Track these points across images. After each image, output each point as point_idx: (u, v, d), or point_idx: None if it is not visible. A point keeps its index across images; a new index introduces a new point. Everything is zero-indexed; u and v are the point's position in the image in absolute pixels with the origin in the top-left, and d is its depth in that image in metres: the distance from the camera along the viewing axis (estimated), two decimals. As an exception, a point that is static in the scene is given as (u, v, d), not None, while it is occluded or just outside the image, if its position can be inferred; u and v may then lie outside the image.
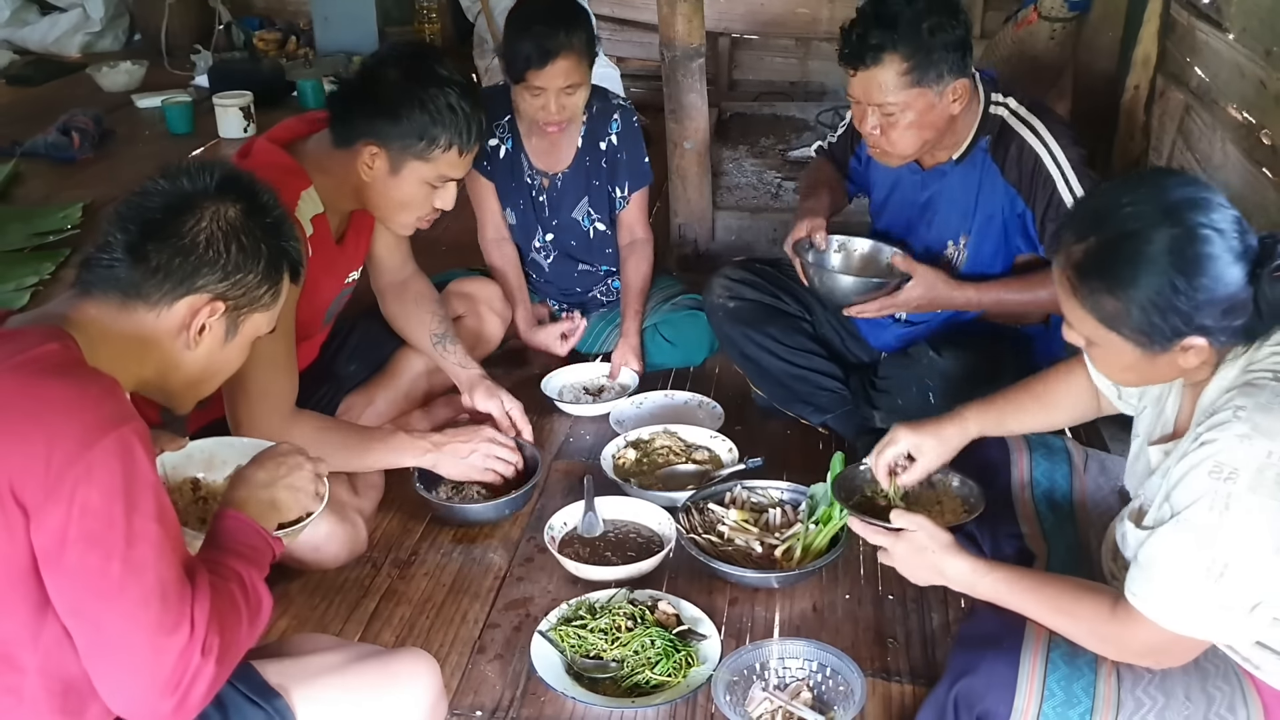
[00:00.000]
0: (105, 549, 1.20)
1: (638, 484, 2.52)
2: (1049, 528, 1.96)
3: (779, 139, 4.64)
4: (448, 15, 5.74)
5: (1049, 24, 3.87)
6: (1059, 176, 2.38)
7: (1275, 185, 2.65)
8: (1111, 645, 1.53)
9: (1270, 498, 1.37)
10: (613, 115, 3.04)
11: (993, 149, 2.44)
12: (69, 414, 1.23)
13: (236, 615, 1.33)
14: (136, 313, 1.44)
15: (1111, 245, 1.48)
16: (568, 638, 2.06)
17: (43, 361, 1.29)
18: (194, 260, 1.45)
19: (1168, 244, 1.44)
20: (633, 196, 3.09)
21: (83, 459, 1.20)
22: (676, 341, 3.07)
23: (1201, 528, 1.41)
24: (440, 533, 2.45)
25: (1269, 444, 1.38)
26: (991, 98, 2.45)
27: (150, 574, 1.23)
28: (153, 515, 1.25)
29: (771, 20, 5.39)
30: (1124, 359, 1.54)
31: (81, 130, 4.46)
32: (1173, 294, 1.44)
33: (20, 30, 6.02)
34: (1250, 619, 1.43)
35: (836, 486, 2.02)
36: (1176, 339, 1.47)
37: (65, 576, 1.21)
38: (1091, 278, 1.49)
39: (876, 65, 2.26)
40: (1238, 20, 2.98)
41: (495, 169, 3.03)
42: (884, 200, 2.69)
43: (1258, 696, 1.53)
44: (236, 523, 1.46)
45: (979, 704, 1.59)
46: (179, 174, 1.49)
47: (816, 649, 2.01)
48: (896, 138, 2.35)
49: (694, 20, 3.51)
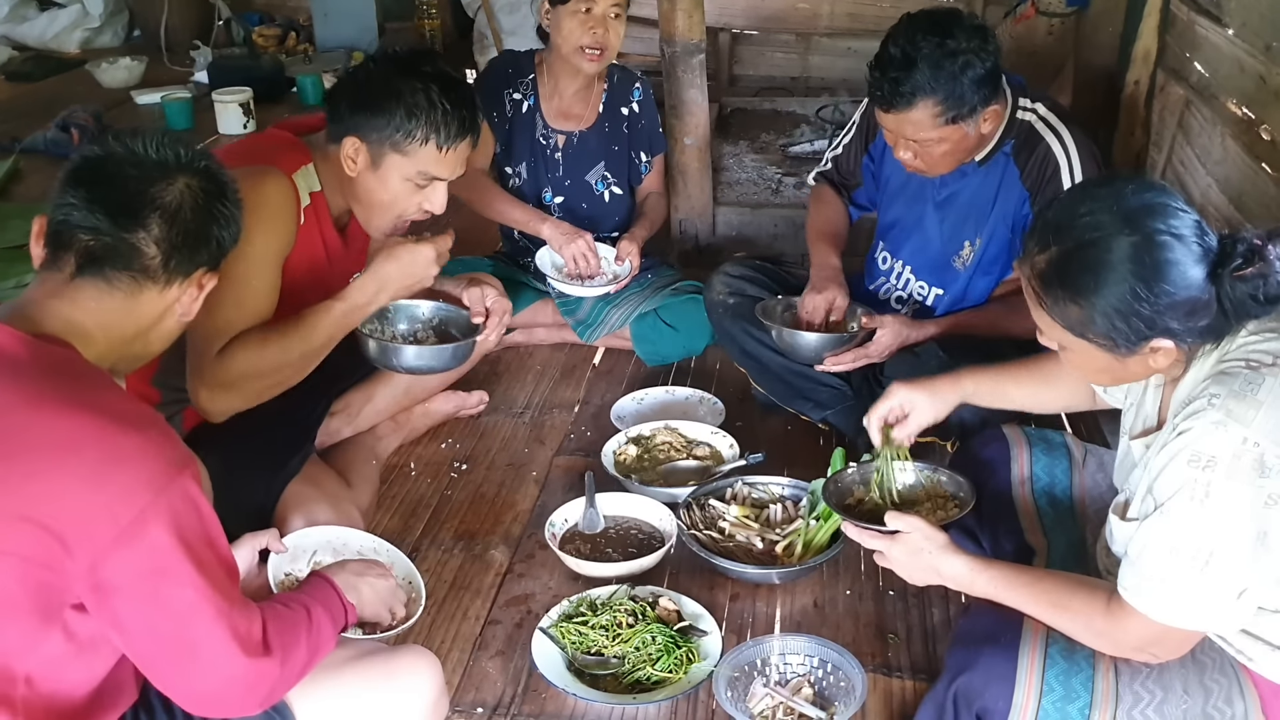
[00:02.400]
0: (177, 579, 1.30)
1: (639, 480, 2.52)
2: (1049, 524, 1.97)
3: (779, 134, 4.63)
4: (448, 11, 5.73)
5: (1047, 19, 3.88)
6: (1067, 178, 2.38)
7: (1275, 181, 2.64)
8: (1106, 640, 1.54)
9: (1248, 484, 1.39)
10: (634, 83, 3.19)
11: (1016, 153, 2.44)
12: (138, 464, 1.29)
13: (296, 634, 1.46)
14: (144, 294, 1.46)
15: (1072, 254, 1.50)
16: (569, 634, 2.07)
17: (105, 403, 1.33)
18: (194, 237, 1.49)
19: (1128, 252, 1.46)
20: (655, 161, 3.26)
21: (153, 505, 1.27)
22: (678, 326, 3.07)
23: (1184, 518, 1.42)
24: (441, 529, 2.45)
25: (1243, 430, 1.39)
26: (1019, 103, 2.44)
27: (217, 595, 1.33)
28: (212, 544, 1.35)
29: (772, 15, 5.37)
30: (1095, 363, 1.57)
31: (81, 127, 4.46)
32: (1134, 301, 1.46)
33: (19, 26, 6.02)
34: (1238, 606, 1.44)
35: (827, 493, 2.04)
36: (1142, 342, 1.50)
37: (140, 605, 1.30)
38: (1054, 287, 1.52)
39: (910, 109, 2.26)
40: (1237, 15, 2.98)
41: (513, 124, 3.11)
42: (897, 191, 2.68)
43: (1254, 688, 1.55)
44: (321, 579, 1.65)
45: (978, 700, 1.59)
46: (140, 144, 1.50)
47: (817, 645, 2.01)
48: (934, 164, 2.38)
49: (694, 16, 3.51)
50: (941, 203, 2.56)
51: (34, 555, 1.24)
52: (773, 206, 3.91)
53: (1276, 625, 1.52)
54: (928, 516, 1.83)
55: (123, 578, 1.27)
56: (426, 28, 5.64)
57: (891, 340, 2.50)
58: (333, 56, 5.40)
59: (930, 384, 2.01)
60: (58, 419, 1.28)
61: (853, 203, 2.85)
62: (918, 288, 2.67)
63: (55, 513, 1.24)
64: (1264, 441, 1.39)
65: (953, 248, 2.57)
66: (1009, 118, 2.43)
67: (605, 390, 3.03)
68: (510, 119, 3.12)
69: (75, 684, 1.35)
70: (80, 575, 1.26)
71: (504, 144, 3.14)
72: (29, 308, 1.43)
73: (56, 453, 1.26)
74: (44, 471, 1.25)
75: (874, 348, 2.51)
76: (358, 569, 1.77)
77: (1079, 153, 2.40)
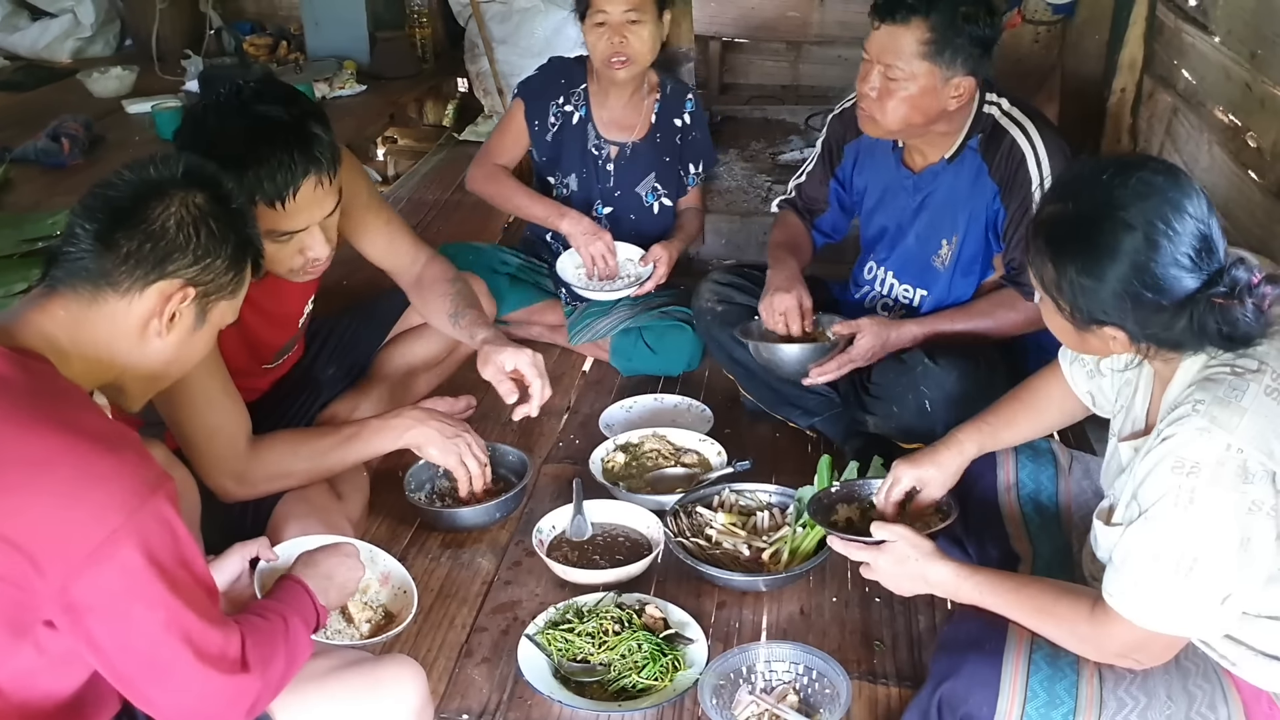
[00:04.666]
0: (149, 600, 1.28)
1: (626, 487, 2.52)
2: (1034, 530, 1.97)
3: (770, 143, 4.64)
4: (439, 19, 5.73)
5: (1033, 27, 3.89)
6: (1036, 180, 2.39)
7: (1262, 188, 2.66)
8: (1091, 646, 1.54)
9: (1231, 490, 1.39)
10: (686, 95, 3.17)
11: (983, 147, 2.46)
12: (111, 484, 1.27)
13: (274, 645, 1.45)
14: (107, 303, 1.44)
15: (1068, 219, 1.52)
16: (555, 641, 2.06)
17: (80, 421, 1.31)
18: (165, 245, 1.45)
19: (1120, 242, 1.45)
20: (700, 175, 3.24)
21: (126, 527, 1.26)
22: (657, 349, 3.08)
23: (1168, 524, 1.43)
24: (428, 537, 2.45)
25: (1227, 436, 1.40)
26: (985, 97, 2.46)
27: (191, 615, 1.31)
28: (186, 564, 1.33)
29: (762, 24, 5.39)
30: (1056, 322, 1.60)
31: (72, 136, 4.44)
32: (1074, 287, 1.50)
33: (10, 36, 6.00)
34: (1222, 612, 1.45)
35: (812, 508, 2.03)
36: (1094, 325, 1.52)
37: (112, 626, 1.28)
38: (1040, 239, 1.55)
39: (903, 24, 2.28)
40: (1223, 23, 2.99)
41: (563, 135, 3.09)
42: (875, 205, 2.70)
43: (1237, 694, 1.55)
44: (295, 586, 1.64)
45: (962, 706, 1.59)
46: (144, 165, 1.50)
47: (803, 652, 2.01)
48: (891, 107, 2.35)
49: (684, 24, 3.53)
50: (918, 205, 2.57)
51: (3, 573, 1.22)
52: (763, 215, 3.91)
53: (1259, 630, 1.53)
54: (911, 525, 1.84)
55: (94, 598, 1.26)
56: (418, 36, 5.64)
57: (873, 342, 2.50)
58: (324, 65, 5.39)
59: (933, 457, 1.99)
60: (30, 436, 1.26)
61: (816, 229, 2.85)
62: (902, 291, 2.67)
63: (25, 531, 1.22)
64: (1247, 448, 1.39)
65: (931, 247, 2.57)
66: (975, 111, 2.44)
67: (594, 399, 3.02)
68: (559, 130, 3.09)
69: (49, 693, 1.34)
70: (51, 595, 1.24)
71: (549, 155, 3.12)
72: (11, 321, 1.42)
73: (28, 470, 1.24)
74: (14, 488, 1.23)
75: (856, 351, 2.51)
76: (328, 570, 1.73)
77: (1045, 144, 2.41)
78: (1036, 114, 2.49)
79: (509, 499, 2.41)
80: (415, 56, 5.63)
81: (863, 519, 2.07)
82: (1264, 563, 1.42)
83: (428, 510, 2.44)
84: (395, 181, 4.83)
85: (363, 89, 5.26)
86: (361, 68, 5.39)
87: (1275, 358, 1.45)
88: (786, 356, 2.54)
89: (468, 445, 2.29)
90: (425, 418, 2.27)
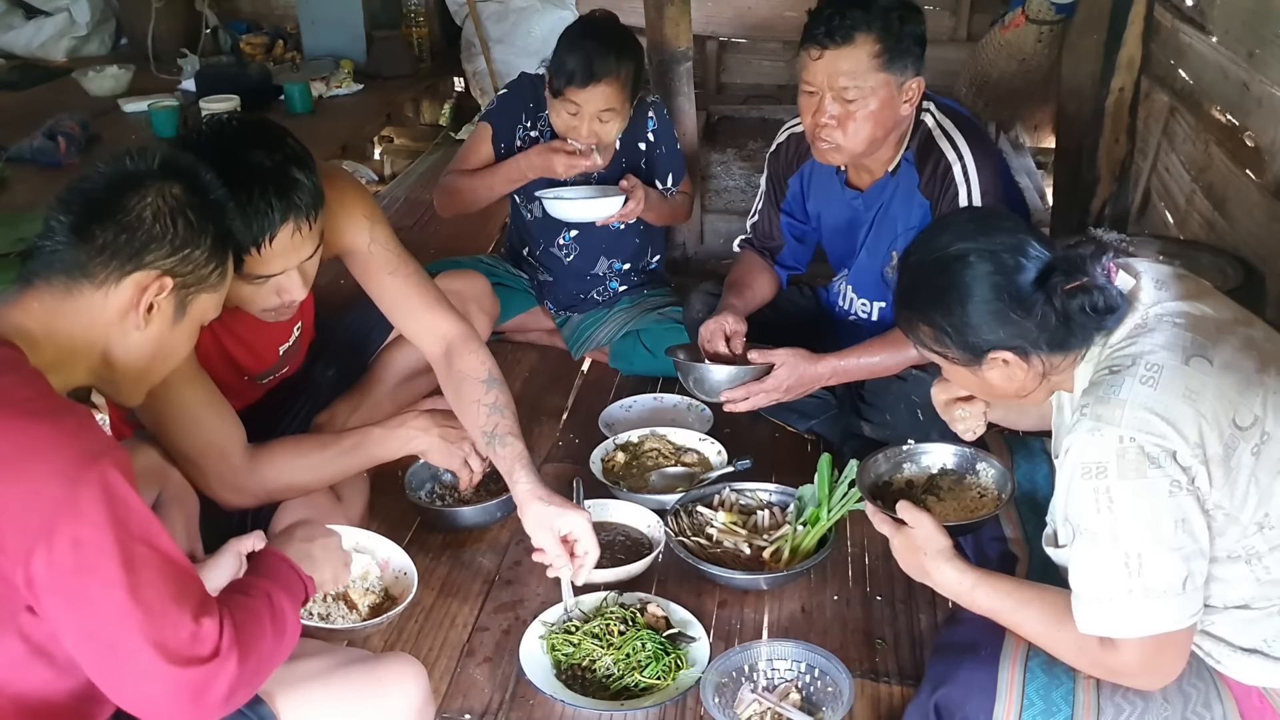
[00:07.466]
0: (104, 577, 1.22)
1: (627, 487, 2.52)
2: (1030, 530, 1.97)
3: (767, 142, 4.58)
4: (436, 19, 5.73)
5: (1036, 27, 3.89)
6: (964, 197, 2.39)
7: (1259, 186, 2.66)
8: (1100, 670, 1.53)
9: (1140, 476, 1.42)
10: (647, 114, 3.07)
11: (917, 159, 2.45)
12: (49, 455, 1.23)
13: (259, 625, 1.38)
14: (83, 295, 1.42)
15: (914, 285, 1.66)
16: (557, 640, 2.06)
17: (13, 395, 1.27)
18: (141, 236, 1.44)
19: (931, 277, 1.61)
20: (680, 185, 3.17)
21: (68, 498, 1.21)
22: (655, 351, 3.05)
23: (1101, 531, 1.45)
24: (429, 537, 2.45)
25: (1116, 430, 1.43)
26: (920, 104, 2.44)
27: (151, 593, 1.25)
28: (144, 538, 1.26)
29: (759, 24, 5.39)
30: (958, 377, 1.68)
31: (67, 135, 4.43)
32: (944, 318, 1.59)
33: (5, 35, 5.99)
34: (1188, 596, 1.44)
35: (863, 471, 2.00)
36: (979, 356, 1.59)
37: (68, 606, 1.23)
38: (905, 312, 1.68)
39: (849, 44, 2.26)
40: (1220, 23, 3.00)
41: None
42: (834, 228, 2.69)
43: (1229, 692, 1.55)
44: (274, 557, 1.57)
45: (959, 713, 1.60)
46: (121, 157, 1.49)
47: (805, 650, 2.01)
48: (853, 129, 2.33)
49: (681, 24, 3.52)
50: (870, 221, 2.57)
51: None
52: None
53: (1232, 623, 1.53)
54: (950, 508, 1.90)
55: (50, 576, 1.21)
56: (414, 36, 5.64)
57: (787, 375, 2.44)
58: (320, 64, 5.39)
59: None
60: None
61: (779, 264, 2.81)
62: (860, 305, 2.69)
63: None
64: (1138, 435, 1.42)
65: (882, 260, 2.58)
66: (914, 118, 2.44)
67: (593, 398, 3.02)
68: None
69: (44, 688, 1.31)
70: (20, 577, 1.21)
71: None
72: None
73: None
74: None
75: (770, 383, 2.45)
76: (305, 534, 1.68)
77: (974, 159, 2.39)
78: (967, 124, 2.48)
79: (509, 498, 2.40)
80: (412, 56, 5.63)
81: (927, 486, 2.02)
82: (1205, 537, 1.44)
83: (429, 510, 2.43)
84: (391, 181, 4.82)
85: (359, 88, 5.26)
86: (358, 67, 5.39)
87: (1148, 350, 1.49)
88: (709, 376, 2.50)
89: (471, 449, 2.30)
90: (429, 426, 2.26)
